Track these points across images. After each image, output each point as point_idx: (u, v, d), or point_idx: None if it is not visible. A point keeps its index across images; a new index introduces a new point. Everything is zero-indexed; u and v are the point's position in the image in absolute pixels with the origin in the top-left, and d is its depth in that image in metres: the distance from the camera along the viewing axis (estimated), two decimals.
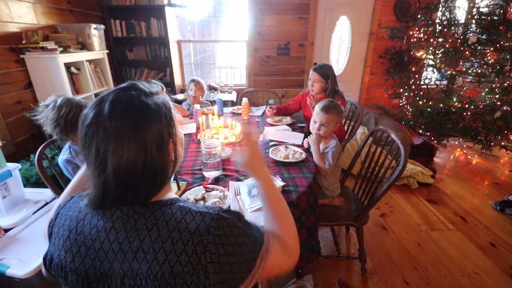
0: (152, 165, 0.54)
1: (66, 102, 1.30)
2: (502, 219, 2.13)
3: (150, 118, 0.53)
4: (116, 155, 0.50)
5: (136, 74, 3.71)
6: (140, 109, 0.53)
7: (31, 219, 1.59)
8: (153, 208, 0.54)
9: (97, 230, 0.53)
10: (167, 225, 0.52)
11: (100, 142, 0.51)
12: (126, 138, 0.50)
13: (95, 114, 0.52)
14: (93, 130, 0.51)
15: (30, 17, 2.27)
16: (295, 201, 1.08)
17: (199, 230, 0.51)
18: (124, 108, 0.52)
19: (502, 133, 2.91)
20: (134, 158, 0.51)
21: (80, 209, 0.57)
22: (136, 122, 0.51)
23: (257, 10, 3.59)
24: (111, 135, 0.50)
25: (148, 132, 0.52)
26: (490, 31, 2.89)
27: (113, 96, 0.53)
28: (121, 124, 0.50)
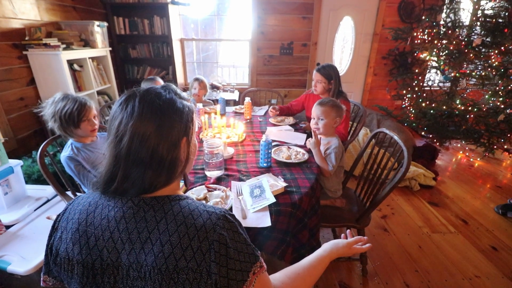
0: (162, 153, 0.56)
1: (63, 98, 1.31)
2: (504, 223, 2.12)
3: (173, 111, 0.57)
4: (131, 137, 0.54)
5: (138, 72, 3.71)
6: (167, 100, 0.58)
7: (33, 216, 1.59)
8: (163, 202, 0.56)
9: (108, 220, 0.55)
10: (175, 219, 0.54)
11: (125, 116, 0.55)
12: (148, 117, 0.55)
13: (129, 94, 0.58)
14: (123, 106, 0.56)
15: (34, 14, 2.27)
16: (297, 202, 1.08)
17: (205, 227, 0.53)
18: (154, 95, 0.57)
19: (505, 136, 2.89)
20: (149, 135, 0.54)
21: (90, 203, 0.59)
22: (160, 107, 0.56)
23: (261, 9, 3.58)
24: (136, 111, 0.54)
25: (166, 120, 0.56)
26: (495, 33, 2.87)
27: (149, 87, 0.60)
28: (148, 106, 0.55)
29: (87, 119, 1.32)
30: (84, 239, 0.55)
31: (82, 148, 1.38)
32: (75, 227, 0.56)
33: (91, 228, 0.55)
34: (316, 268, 0.72)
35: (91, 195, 0.61)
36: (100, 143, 1.46)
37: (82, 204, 0.59)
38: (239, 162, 1.40)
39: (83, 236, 0.55)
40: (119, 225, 0.54)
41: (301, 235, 1.14)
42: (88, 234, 0.55)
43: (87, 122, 1.33)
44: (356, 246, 0.79)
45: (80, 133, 1.34)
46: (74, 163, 1.31)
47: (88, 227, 0.55)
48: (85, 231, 0.55)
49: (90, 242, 0.54)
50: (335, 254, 0.76)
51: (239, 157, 1.46)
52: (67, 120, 1.28)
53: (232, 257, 0.53)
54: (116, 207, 0.56)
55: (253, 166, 1.36)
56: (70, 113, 1.27)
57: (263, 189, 1.08)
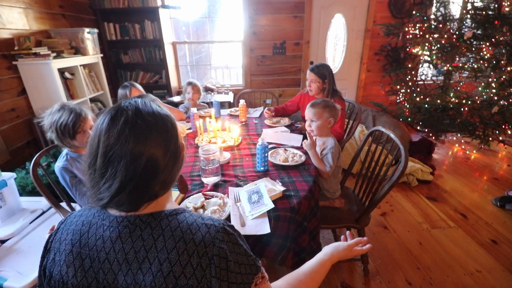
0: (166, 170, 0.56)
1: (60, 108, 1.29)
2: (502, 215, 2.13)
3: (172, 132, 0.58)
4: (130, 162, 0.51)
5: (131, 77, 3.68)
6: (167, 116, 0.59)
7: (28, 229, 1.56)
8: (160, 218, 0.54)
9: (103, 241, 0.53)
10: (172, 235, 0.52)
11: (117, 148, 0.51)
12: (143, 133, 0.53)
13: (121, 108, 0.55)
14: (126, 118, 0.53)
15: (22, 23, 2.24)
16: (296, 206, 1.07)
17: (204, 242, 0.52)
18: (147, 114, 0.55)
19: (499, 127, 2.91)
20: (156, 162, 0.54)
21: (83, 222, 0.57)
22: (166, 124, 0.57)
23: (252, 9, 3.56)
24: (130, 144, 0.51)
25: (171, 144, 0.57)
26: (485, 26, 2.88)
27: (136, 104, 0.57)
28: (141, 121, 0.53)
29: (82, 130, 1.29)
30: (78, 261, 0.53)
31: (77, 158, 1.36)
32: (69, 248, 0.54)
33: (86, 249, 0.53)
34: (318, 272, 0.72)
35: (83, 213, 0.59)
36: None
37: (75, 224, 0.57)
38: (235, 166, 1.39)
39: (78, 258, 0.53)
40: (115, 245, 0.52)
41: (301, 239, 1.13)
42: (82, 256, 0.53)
43: (83, 133, 1.30)
44: (356, 248, 0.78)
45: (77, 144, 1.33)
46: (69, 175, 1.29)
47: (83, 248, 0.53)
48: (79, 252, 0.53)
49: (85, 264, 0.52)
50: (336, 257, 0.76)
51: (236, 161, 1.45)
52: (62, 131, 1.26)
53: (233, 271, 0.52)
54: (111, 226, 0.54)
55: (250, 171, 1.34)
56: (66, 125, 1.25)
57: (261, 194, 1.07)
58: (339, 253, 0.76)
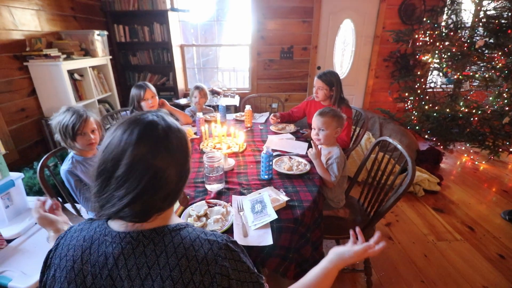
0: (179, 182, 0.57)
1: (66, 110, 1.30)
2: (511, 229, 2.08)
3: (185, 147, 0.60)
4: (165, 158, 0.54)
5: (139, 79, 3.71)
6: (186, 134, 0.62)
7: (34, 229, 1.58)
8: (163, 233, 0.54)
9: (105, 257, 0.52)
10: (175, 252, 0.52)
11: (143, 152, 0.53)
12: (172, 149, 0.55)
13: (152, 122, 0.56)
14: (158, 134, 0.55)
15: (34, 24, 2.28)
16: (299, 217, 1.06)
17: (206, 259, 0.52)
18: (176, 130, 0.58)
19: (510, 138, 2.85)
20: (175, 165, 0.56)
21: (85, 238, 0.56)
22: (187, 143, 0.60)
23: (261, 14, 3.57)
24: (164, 142, 0.55)
25: (187, 154, 0.60)
26: (498, 34, 2.83)
27: (146, 120, 0.58)
28: (171, 137, 0.56)
29: (82, 133, 1.29)
30: (80, 278, 0.52)
31: (82, 161, 1.37)
32: (70, 265, 0.54)
33: (88, 266, 0.53)
34: (324, 282, 0.69)
35: (84, 227, 0.59)
36: None
37: (76, 239, 0.57)
38: (240, 174, 1.39)
39: (79, 275, 0.52)
40: (118, 262, 0.52)
41: (304, 250, 1.12)
42: (84, 273, 0.52)
43: (83, 136, 1.30)
44: (369, 250, 0.73)
45: (79, 146, 1.33)
46: (74, 179, 1.30)
47: (84, 265, 0.53)
48: (81, 269, 0.53)
49: (87, 281, 0.52)
50: (342, 265, 0.72)
51: (240, 168, 1.44)
52: (64, 133, 1.27)
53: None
54: (113, 242, 0.53)
55: (254, 179, 1.34)
56: (66, 126, 1.26)
57: (264, 204, 1.06)
58: (346, 260, 0.72)
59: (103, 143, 0.56)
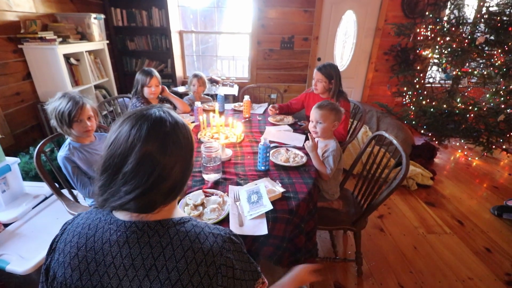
0: (183, 175, 0.59)
1: (61, 96, 1.29)
2: (499, 224, 2.14)
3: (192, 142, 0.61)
4: (174, 154, 0.55)
5: (137, 65, 3.66)
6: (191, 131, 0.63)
7: (31, 213, 1.59)
8: (167, 226, 0.55)
9: (110, 245, 0.54)
10: (181, 244, 0.53)
11: (136, 152, 0.53)
12: (180, 145, 0.57)
13: (160, 118, 0.57)
14: (155, 130, 0.54)
15: (29, 6, 2.22)
16: (294, 208, 1.08)
17: (212, 251, 0.54)
18: (182, 127, 0.59)
19: (504, 136, 2.89)
20: (176, 160, 0.56)
21: (90, 226, 0.57)
22: (192, 139, 0.61)
23: (261, 1, 3.50)
24: (172, 138, 0.56)
25: (192, 149, 0.61)
26: (499, 31, 2.82)
27: (156, 115, 0.58)
28: (179, 133, 0.57)
29: (78, 119, 1.29)
30: (84, 264, 0.53)
31: (80, 148, 1.37)
32: (74, 251, 0.55)
33: (92, 253, 0.54)
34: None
35: (90, 216, 0.60)
36: (98, 144, 1.45)
37: (81, 226, 0.58)
38: (237, 164, 1.40)
39: (83, 262, 0.54)
40: (122, 250, 0.53)
41: (297, 240, 1.15)
42: (88, 260, 0.53)
43: (79, 123, 1.30)
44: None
45: (75, 133, 1.33)
46: (71, 165, 1.31)
47: (88, 252, 0.54)
48: (85, 256, 0.54)
49: (90, 268, 0.53)
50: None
51: (237, 159, 1.46)
52: (60, 119, 1.27)
53: (238, 278, 0.55)
54: (118, 230, 0.54)
55: (251, 169, 1.35)
56: (63, 113, 1.26)
57: (260, 195, 1.08)
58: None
59: (109, 137, 0.55)
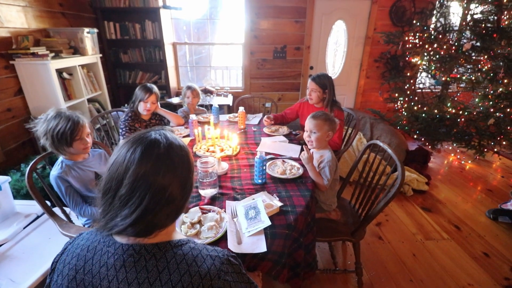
0: (182, 195, 0.58)
1: (56, 115, 1.28)
2: (495, 228, 2.15)
3: (189, 164, 0.61)
4: (145, 193, 0.53)
5: (130, 77, 3.65)
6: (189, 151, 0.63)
7: (22, 234, 1.55)
8: (164, 249, 0.55)
9: (107, 268, 0.53)
10: (178, 268, 0.53)
11: (132, 176, 0.53)
12: (173, 166, 0.57)
13: (155, 140, 0.57)
14: (148, 153, 0.55)
15: (20, 21, 2.21)
16: (292, 222, 1.07)
17: (209, 274, 0.53)
18: (177, 148, 0.59)
19: (495, 139, 2.95)
20: (170, 182, 0.56)
21: (88, 248, 0.57)
22: (190, 159, 0.61)
23: (254, 13, 3.55)
24: (165, 160, 0.56)
25: (191, 170, 0.61)
26: (484, 38, 2.91)
27: (149, 139, 0.58)
28: (173, 155, 0.57)
29: (80, 138, 1.30)
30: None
31: (73, 166, 1.35)
32: (72, 274, 0.55)
33: (89, 276, 0.54)
34: None
35: (90, 237, 0.60)
36: (91, 160, 1.43)
37: (80, 248, 0.58)
38: (233, 178, 1.39)
39: (81, 285, 0.54)
40: (119, 274, 0.52)
41: (296, 254, 1.14)
42: (85, 283, 0.53)
43: (80, 141, 1.31)
44: None
45: (73, 151, 1.33)
46: (65, 185, 1.28)
47: (86, 275, 0.54)
48: (83, 279, 0.54)
49: None
50: None
51: (234, 172, 1.45)
52: (59, 139, 1.26)
53: None
54: (116, 254, 0.54)
55: (247, 183, 1.34)
56: (63, 133, 1.25)
57: (258, 210, 1.07)
58: None
59: (109, 160, 0.57)
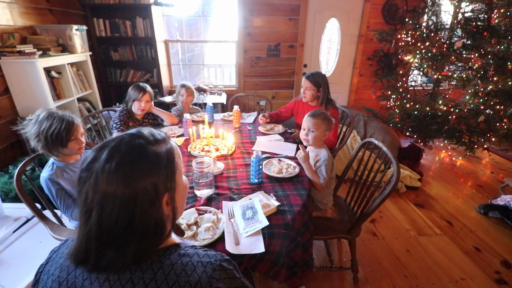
0: (141, 223, 0.50)
1: (48, 116, 1.24)
2: (485, 223, 2.20)
3: (146, 170, 0.51)
4: (100, 208, 0.48)
5: (121, 75, 3.58)
6: (137, 160, 0.51)
7: (11, 238, 1.50)
8: (151, 260, 0.51)
9: (90, 282, 0.50)
10: (166, 280, 0.50)
11: (90, 190, 0.49)
12: (113, 192, 0.48)
13: (92, 159, 0.51)
14: (86, 176, 0.50)
15: (6, 18, 2.13)
16: (290, 222, 1.07)
17: (200, 283, 0.51)
18: (121, 158, 0.50)
19: (485, 135, 3.01)
20: (118, 214, 0.48)
21: None
22: (129, 175, 0.49)
23: (247, 10, 3.52)
24: (101, 185, 0.48)
25: (140, 186, 0.49)
26: (475, 36, 2.95)
27: (114, 144, 0.52)
28: (112, 176, 0.48)
29: (75, 138, 1.27)
30: None
31: (64, 168, 1.31)
32: (55, 287, 0.52)
33: None
34: None
35: None
36: None
37: (64, 258, 0.55)
38: (229, 178, 1.38)
39: None
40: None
41: (294, 253, 1.13)
42: None
43: (75, 141, 1.28)
44: None
45: (67, 152, 1.29)
46: (56, 187, 1.25)
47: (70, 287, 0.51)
48: None
49: None
50: None
51: (230, 172, 1.43)
52: (53, 140, 1.22)
53: None
54: None
55: (244, 183, 1.33)
56: (58, 133, 1.21)
57: (255, 210, 1.07)
58: None
59: None
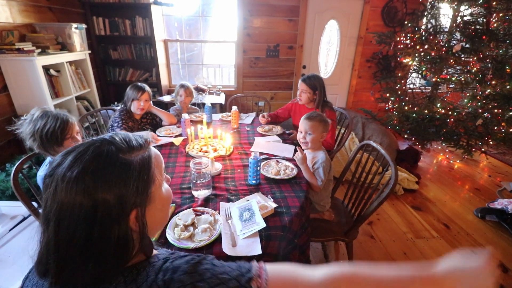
0: (100, 241, 0.44)
1: (42, 115, 1.24)
2: (483, 226, 2.21)
3: (111, 181, 0.45)
4: (57, 219, 0.43)
5: (120, 74, 3.58)
6: (101, 169, 0.45)
7: (8, 236, 1.49)
8: (116, 281, 0.45)
9: None
10: None
11: (49, 198, 0.44)
12: (71, 203, 0.43)
13: (56, 164, 0.46)
14: (48, 182, 0.45)
15: (5, 16, 2.12)
16: (287, 224, 1.07)
17: None
18: (84, 166, 0.44)
19: (482, 139, 3.02)
20: (75, 228, 0.42)
21: None
22: (90, 185, 0.43)
23: (246, 11, 3.53)
24: (59, 194, 0.43)
25: (101, 199, 0.44)
26: (474, 40, 2.96)
27: (82, 149, 0.47)
28: (71, 186, 0.43)
29: (71, 136, 1.27)
30: None
31: None
32: None
33: None
34: None
35: None
36: None
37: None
38: (227, 179, 1.37)
39: None
40: None
41: (291, 255, 1.13)
42: None
43: (71, 139, 1.28)
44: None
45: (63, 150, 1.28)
46: None
47: None
48: None
49: None
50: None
51: (227, 173, 1.43)
52: (49, 139, 1.21)
53: None
54: None
55: (241, 184, 1.33)
56: (53, 132, 1.21)
57: (252, 212, 1.06)
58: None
59: None
